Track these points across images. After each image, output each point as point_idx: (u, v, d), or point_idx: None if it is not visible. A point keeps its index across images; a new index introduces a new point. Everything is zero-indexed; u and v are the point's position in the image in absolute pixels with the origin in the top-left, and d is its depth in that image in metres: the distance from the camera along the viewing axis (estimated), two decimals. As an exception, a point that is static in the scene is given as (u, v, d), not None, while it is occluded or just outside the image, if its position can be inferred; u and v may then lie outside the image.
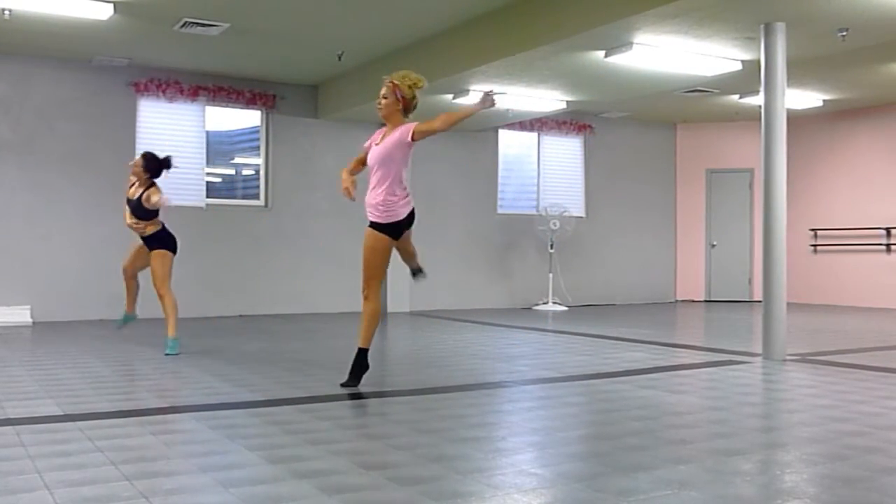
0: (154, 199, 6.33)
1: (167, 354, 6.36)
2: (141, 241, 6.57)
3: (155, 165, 6.46)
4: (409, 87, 4.84)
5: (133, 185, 6.52)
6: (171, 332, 6.46)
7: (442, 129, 4.74)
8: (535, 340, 7.51)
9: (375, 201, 4.80)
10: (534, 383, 5.15)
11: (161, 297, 6.50)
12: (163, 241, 6.52)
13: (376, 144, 4.88)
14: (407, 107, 4.89)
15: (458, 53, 7.98)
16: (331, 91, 10.38)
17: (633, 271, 13.02)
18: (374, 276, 4.85)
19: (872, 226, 11.75)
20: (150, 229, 6.51)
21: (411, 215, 4.90)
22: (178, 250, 6.66)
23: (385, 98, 4.85)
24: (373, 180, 4.85)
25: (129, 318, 6.92)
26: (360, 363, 4.90)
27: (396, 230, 4.84)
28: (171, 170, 6.63)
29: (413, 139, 4.73)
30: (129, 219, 6.53)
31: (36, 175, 9.16)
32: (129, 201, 6.53)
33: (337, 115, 10.48)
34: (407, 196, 4.87)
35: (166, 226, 6.58)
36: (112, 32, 8.08)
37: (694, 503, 2.66)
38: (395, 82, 4.83)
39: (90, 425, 3.78)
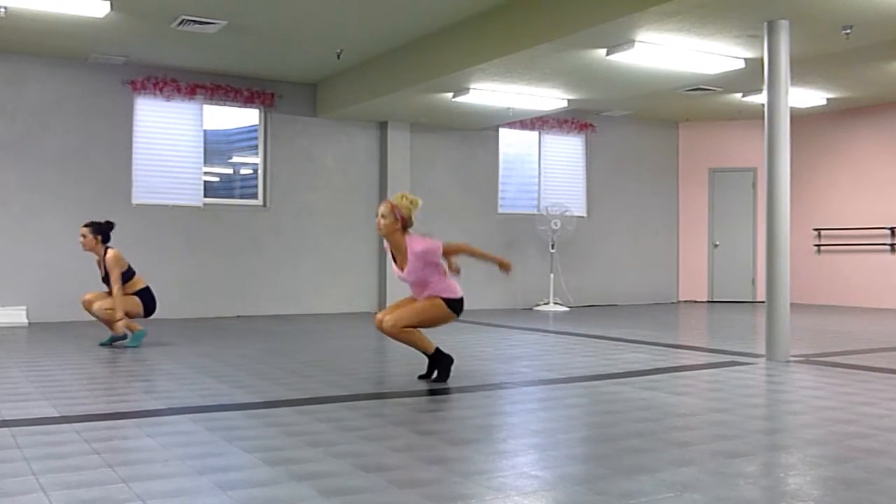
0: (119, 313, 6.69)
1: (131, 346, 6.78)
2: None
3: (105, 229, 6.77)
4: (407, 207, 5.07)
5: (97, 261, 6.83)
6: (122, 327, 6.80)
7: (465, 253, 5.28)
8: (535, 341, 7.48)
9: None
10: (535, 385, 5.12)
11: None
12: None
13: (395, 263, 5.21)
14: (405, 224, 5.10)
15: (459, 51, 7.95)
16: (330, 89, 10.34)
17: (635, 271, 12.98)
18: (421, 326, 5.10)
19: (877, 225, 11.72)
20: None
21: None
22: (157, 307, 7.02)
23: (384, 217, 5.05)
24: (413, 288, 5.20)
25: (116, 338, 6.94)
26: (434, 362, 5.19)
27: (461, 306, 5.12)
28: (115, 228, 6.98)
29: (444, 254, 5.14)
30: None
31: (31, 175, 9.13)
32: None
33: (336, 114, 10.45)
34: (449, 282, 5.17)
35: (150, 287, 6.93)
36: (108, 30, 8.05)
37: (698, 507, 2.63)
38: (394, 203, 5.07)
39: (86, 427, 3.75)
